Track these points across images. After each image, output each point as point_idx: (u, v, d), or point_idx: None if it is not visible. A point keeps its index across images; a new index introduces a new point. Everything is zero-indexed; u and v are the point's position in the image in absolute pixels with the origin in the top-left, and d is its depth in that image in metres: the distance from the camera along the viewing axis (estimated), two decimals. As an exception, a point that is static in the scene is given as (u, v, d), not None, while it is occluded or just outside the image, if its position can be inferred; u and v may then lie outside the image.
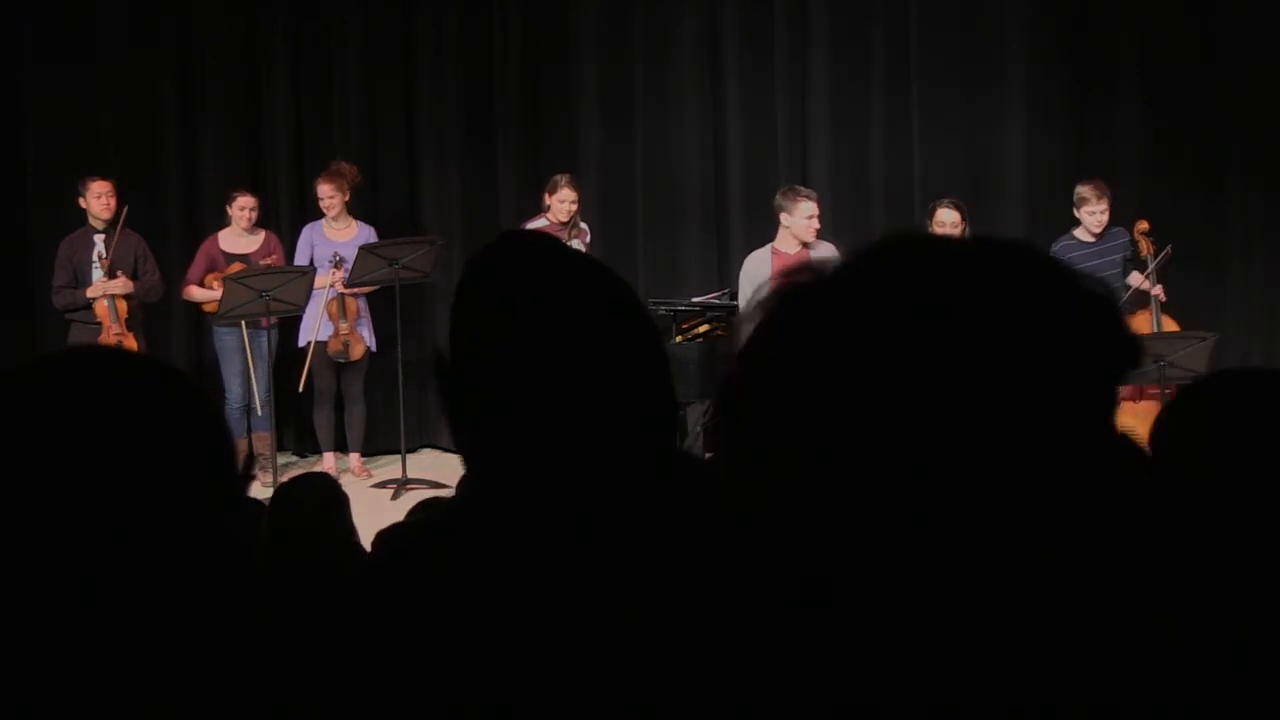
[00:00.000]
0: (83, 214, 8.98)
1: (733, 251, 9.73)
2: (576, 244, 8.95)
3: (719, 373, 1.01)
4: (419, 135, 10.22)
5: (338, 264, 8.99)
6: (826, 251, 8.23)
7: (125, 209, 8.90)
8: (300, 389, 9.21)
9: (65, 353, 1.46)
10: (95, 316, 8.84)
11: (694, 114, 9.90)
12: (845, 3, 9.66)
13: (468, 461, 1.69)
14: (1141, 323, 8.26)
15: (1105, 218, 8.43)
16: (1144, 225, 8.47)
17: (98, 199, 8.91)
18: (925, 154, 9.53)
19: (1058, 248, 8.38)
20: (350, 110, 10.14)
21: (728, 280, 9.49)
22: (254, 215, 9.24)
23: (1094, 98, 9.31)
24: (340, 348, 9.24)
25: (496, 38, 10.05)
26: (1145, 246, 8.42)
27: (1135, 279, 8.42)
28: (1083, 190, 8.46)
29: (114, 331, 8.79)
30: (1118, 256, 8.47)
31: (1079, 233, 8.48)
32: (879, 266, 0.99)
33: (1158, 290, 8.36)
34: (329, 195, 9.21)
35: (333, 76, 10.15)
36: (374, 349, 9.42)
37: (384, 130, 10.18)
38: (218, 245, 9.24)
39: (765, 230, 8.54)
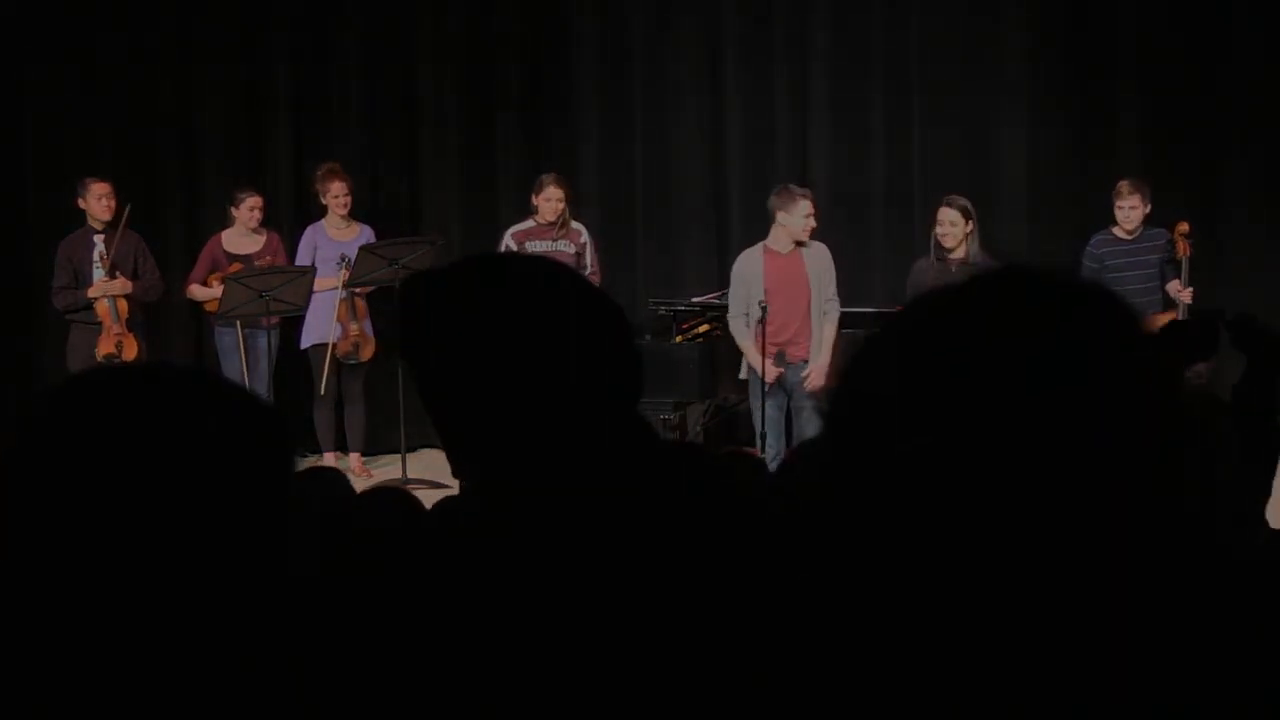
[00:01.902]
0: (82, 214, 8.99)
1: (733, 252, 9.71)
2: (567, 244, 8.94)
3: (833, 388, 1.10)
4: (419, 135, 10.21)
5: (348, 265, 8.98)
6: (820, 252, 8.23)
7: (127, 209, 8.89)
8: (322, 392, 9.20)
9: (141, 366, 1.57)
10: (96, 316, 8.84)
11: (694, 114, 9.90)
12: (846, 2, 9.66)
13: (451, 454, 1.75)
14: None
15: (1136, 215, 8.30)
16: (1184, 227, 8.28)
17: (98, 200, 8.91)
18: (925, 154, 9.53)
19: (1094, 240, 8.37)
20: (350, 110, 10.14)
21: (728, 280, 9.49)
22: (261, 215, 9.26)
23: (1095, 97, 9.31)
24: (350, 349, 9.23)
25: (497, 38, 10.04)
26: (1183, 248, 8.24)
27: (1174, 287, 8.25)
28: (1119, 184, 8.37)
29: (115, 331, 8.79)
30: (1153, 258, 8.32)
31: (1117, 229, 8.39)
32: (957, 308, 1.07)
33: (1186, 294, 8.19)
34: (345, 193, 9.21)
35: (333, 77, 10.14)
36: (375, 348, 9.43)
37: (384, 130, 10.18)
38: (220, 246, 9.24)
39: (765, 230, 8.54)
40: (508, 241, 8.93)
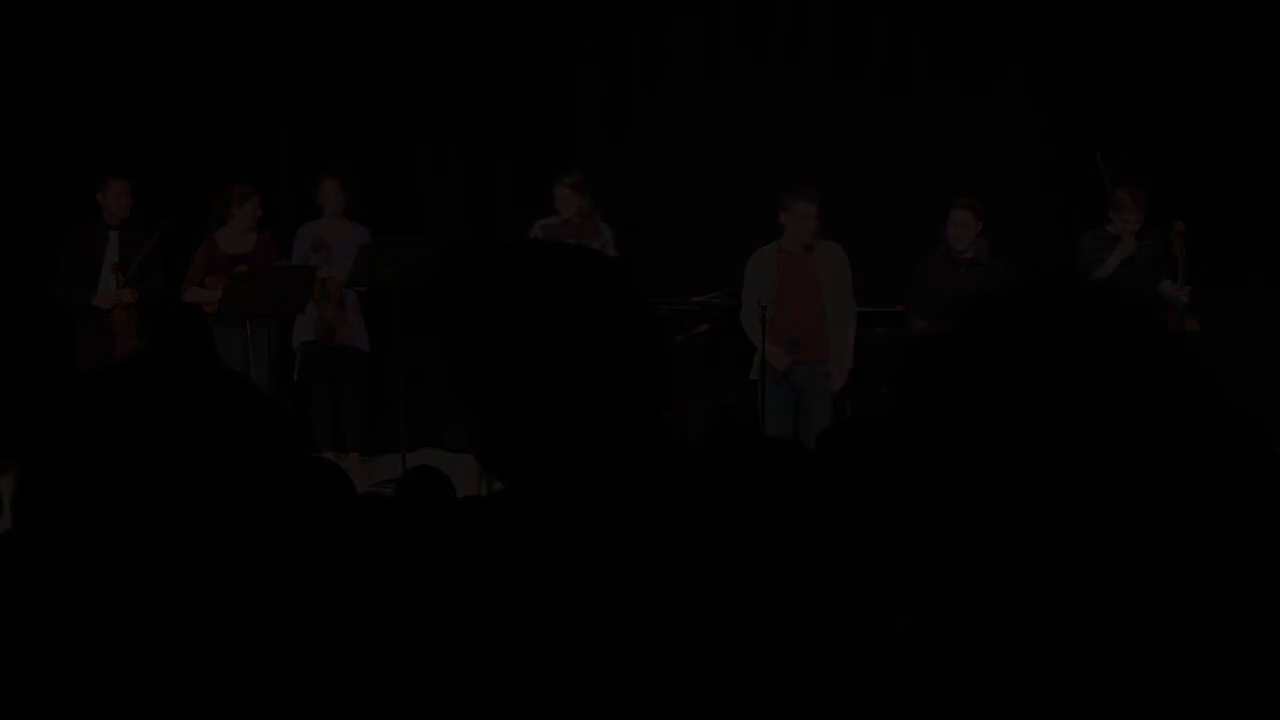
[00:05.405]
0: (95, 211, 9.01)
1: (733, 251, 9.73)
2: (590, 242, 8.94)
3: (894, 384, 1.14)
4: (419, 135, 10.21)
5: (315, 247, 9.01)
6: (834, 252, 8.20)
7: (166, 222, 8.92)
8: (295, 378, 9.25)
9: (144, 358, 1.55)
10: (109, 321, 8.86)
11: (694, 114, 9.90)
12: (846, 2, 9.67)
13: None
14: None
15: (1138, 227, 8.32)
16: (1179, 226, 8.29)
17: (118, 198, 9.02)
18: (926, 153, 9.54)
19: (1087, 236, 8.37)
20: (350, 110, 10.13)
21: (727, 280, 9.49)
22: (259, 212, 9.25)
23: (1095, 97, 9.32)
24: (325, 331, 9.21)
25: (498, 38, 10.04)
26: (1179, 246, 8.26)
27: (1166, 289, 8.26)
28: (1121, 194, 8.29)
29: (132, 342, 8.83)
30: (1146, 259, 8.32)
31: (1111, 228, 8.35)
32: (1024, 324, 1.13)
33: (1183, 292, 8.19)
34: (333, 192, 9.22)
35: (333, 76, 10.14)
36: (366, 347, 9.41)
37: (384, 130, 10.17)
38: (216, 247, 9.21)
39: (765, 230, 8.55)
40: (536, 235, 8.94)
